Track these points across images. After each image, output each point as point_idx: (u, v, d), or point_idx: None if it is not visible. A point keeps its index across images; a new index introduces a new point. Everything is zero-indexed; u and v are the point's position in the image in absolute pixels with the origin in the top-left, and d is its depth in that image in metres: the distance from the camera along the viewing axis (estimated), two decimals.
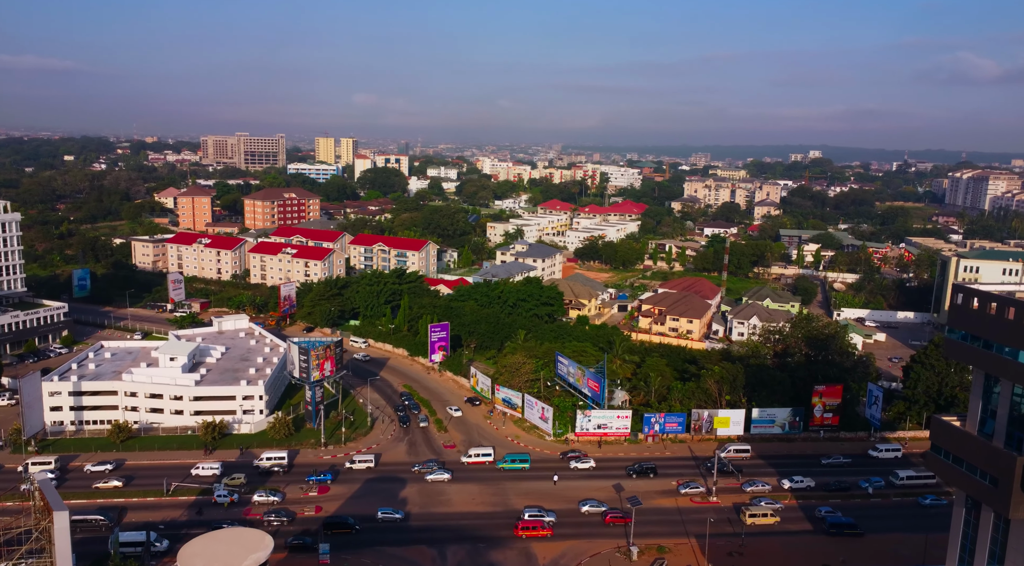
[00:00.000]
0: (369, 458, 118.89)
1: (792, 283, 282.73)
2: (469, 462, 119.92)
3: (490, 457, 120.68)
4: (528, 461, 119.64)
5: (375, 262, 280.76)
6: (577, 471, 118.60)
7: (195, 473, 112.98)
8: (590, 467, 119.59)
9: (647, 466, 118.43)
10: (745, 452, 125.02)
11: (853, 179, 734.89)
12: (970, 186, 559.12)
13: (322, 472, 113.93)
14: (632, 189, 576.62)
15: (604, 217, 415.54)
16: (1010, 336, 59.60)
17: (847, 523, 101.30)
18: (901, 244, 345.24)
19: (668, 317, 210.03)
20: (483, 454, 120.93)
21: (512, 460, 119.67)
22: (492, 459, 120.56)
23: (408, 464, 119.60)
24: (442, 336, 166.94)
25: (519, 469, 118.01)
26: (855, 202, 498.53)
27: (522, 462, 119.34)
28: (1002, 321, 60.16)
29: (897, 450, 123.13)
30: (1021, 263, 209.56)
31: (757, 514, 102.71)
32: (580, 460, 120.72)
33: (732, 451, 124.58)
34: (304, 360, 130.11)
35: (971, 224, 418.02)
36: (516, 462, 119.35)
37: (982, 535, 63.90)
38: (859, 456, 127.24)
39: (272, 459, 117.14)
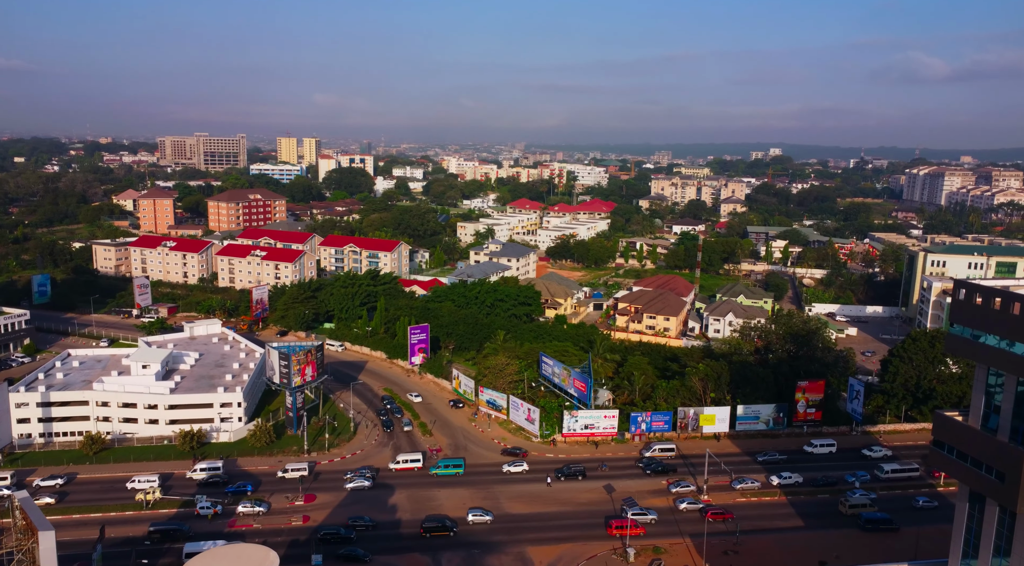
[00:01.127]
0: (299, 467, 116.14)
1: (763, 279, 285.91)
2: (397, 468, 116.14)
3: (419, 463, 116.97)
4: (462, 467, 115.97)
5: (346, 263, 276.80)
6: (510, 475, 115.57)
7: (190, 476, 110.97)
8: (523, 470, 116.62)
9: (575, 469, 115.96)
10: (670, 451, 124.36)
11: (813, 176, 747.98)
12: (927, 182, 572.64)
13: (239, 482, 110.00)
14: (600, 187, 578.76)
15: (574, 216, 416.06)
16: (1015, 331, 60.02)
17: (883, 519, 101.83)
18: (865, 239, 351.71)
19: (645, 315, 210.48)
20: (412, 460, 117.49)
21: (445, 466, 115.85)
22: (421, 465, 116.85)
23: (387, 470, 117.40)
24: (422, 338, 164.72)
25: (452, 475, 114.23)
26: (818, 199, 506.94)
27: (455, 467, 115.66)
28: (1007, 317, 60.57)
29: (914, 469, 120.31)
30: (986, 256, 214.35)
31: None
32: (514, 464, 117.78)
33: (657, 450, 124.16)
34: (284, 365, 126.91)
35: (930, 219, 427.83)
36: (449, 467, 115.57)
37: (987, 529, 64.33)
38: (845, 450, 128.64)
39: (206, 469, 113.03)
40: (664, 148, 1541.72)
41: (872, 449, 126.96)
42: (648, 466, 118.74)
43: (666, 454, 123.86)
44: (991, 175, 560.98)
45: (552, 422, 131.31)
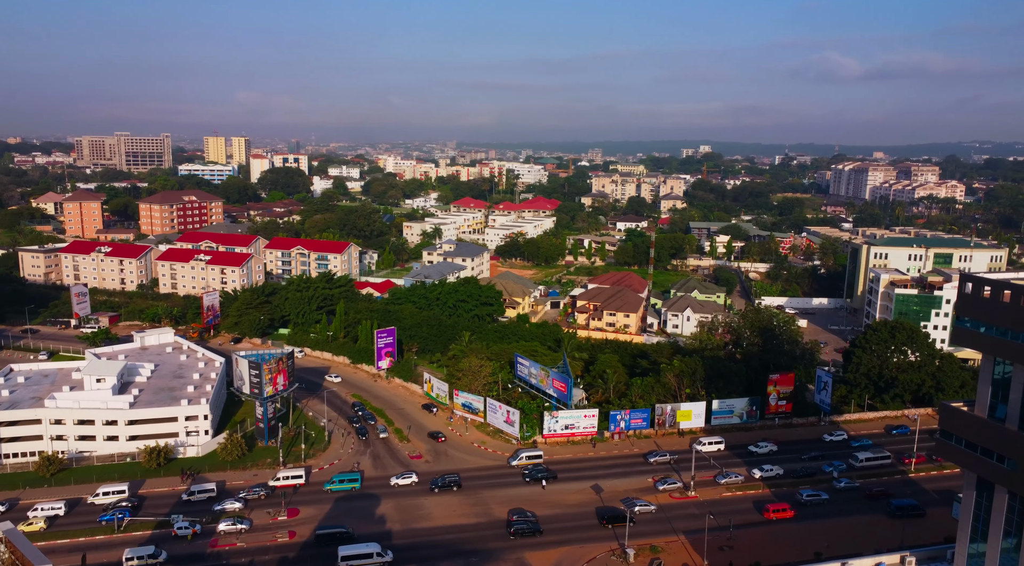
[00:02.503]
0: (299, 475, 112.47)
1: (711, 274, 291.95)
2: (278, 486, 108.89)
3: (301, 479, 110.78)
4: (358, 481, 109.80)
5: (294, 267, 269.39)
6: (398, 487, 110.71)
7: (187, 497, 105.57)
8: (411, 482, 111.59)
9: (540, 472, 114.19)
10: (537, 458, 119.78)
11: (744, 172, 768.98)
12: (851, 177, 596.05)
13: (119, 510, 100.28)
14: (541, 185, 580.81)
15: (519, 214, 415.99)
16: (1017, 320, 61.87)
17: (911, 505, 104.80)
18: (803, 233, 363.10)
19: (605, 312, 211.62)
20: (293, 476, 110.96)
21: (340, 480, 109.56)
22: (303, 481, 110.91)
23: (377, 479, 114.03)
24: (389, 342, 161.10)
25: (348, 490, 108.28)
26: (752, 194, 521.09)
27: (351, 482, 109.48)
28: (1017, 308, 62.40)
29: (886, 457, 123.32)
30: (924, 249, 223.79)
31: None
32: (402, 476, 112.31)
33: (524, 458, 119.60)
34: (255, 375, 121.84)
35: (859, 213, 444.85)
36: (344, 482, 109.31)
37: (996, 515, 66.27)
38: (815, 441, 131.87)
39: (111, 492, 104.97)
40: (595, 146, 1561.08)
41: (833, 434, 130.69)
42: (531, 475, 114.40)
43: (533, 461, 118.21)
44: (910, 170, 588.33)
45: (532, 423, 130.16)
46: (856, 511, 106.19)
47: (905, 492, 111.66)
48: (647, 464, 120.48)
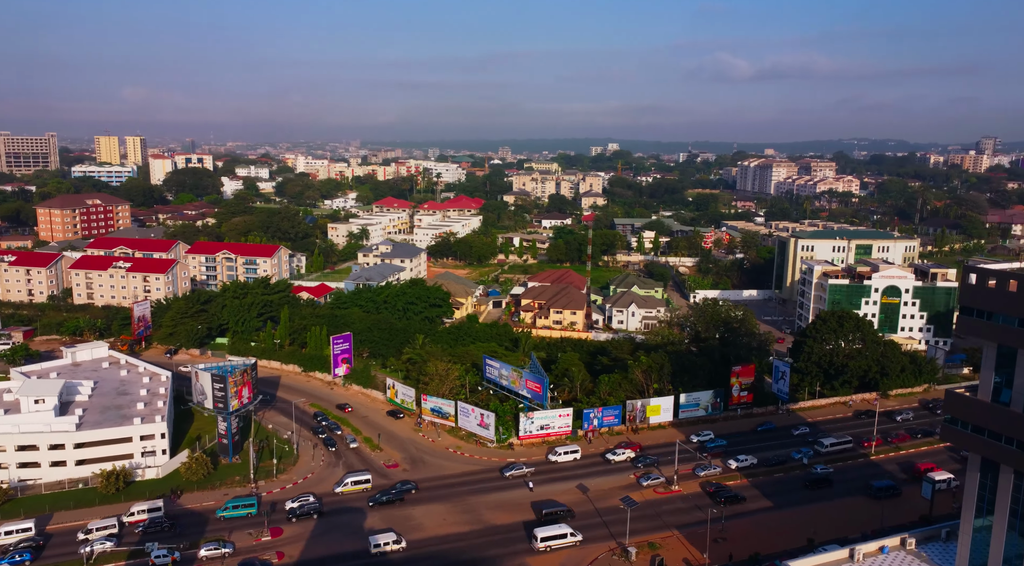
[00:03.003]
0: None
1: (642, 269, 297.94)
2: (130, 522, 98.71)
3: (368, 483, 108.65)
4: (255, 506, 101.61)
5: (220, 272, 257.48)
6: None
7: None
8: (364, 489, 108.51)
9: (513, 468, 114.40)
10: (575, 453, 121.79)
11: (653, 169, 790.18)
12: (757, 173, 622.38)
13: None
14: (461, 184, 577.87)
15: (444, 213, 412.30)
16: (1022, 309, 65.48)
17: (890, 486, 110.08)
18: (722, 228, 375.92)
19: (551, 310, 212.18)
20: (361, 481, 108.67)
21: (234, 506, 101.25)
22: (370, 485, 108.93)
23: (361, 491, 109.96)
24: (345, 348, 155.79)
25: (244, 516, 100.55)
26: (668, 190, 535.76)
27: (247, 507, 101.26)
28: (1019, 297, 65.93)
29: (848, 441, 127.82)
30: (847, 241, 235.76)
31: None
32: (354, 473, 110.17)
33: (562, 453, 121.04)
34: (220, 388, 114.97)
35: (770, 207, 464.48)
36: (240, 508, 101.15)
37: (1002, 494, 69.89)
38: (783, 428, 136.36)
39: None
40: (502, 144, 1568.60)
41: (822, 443, 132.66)
42: None
43: (361, 487, 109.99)
44: (810, 166, 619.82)
45: (508, 426, 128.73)
46: (835, 495, 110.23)
47: (867, 475, 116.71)
48: (629, 462, 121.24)
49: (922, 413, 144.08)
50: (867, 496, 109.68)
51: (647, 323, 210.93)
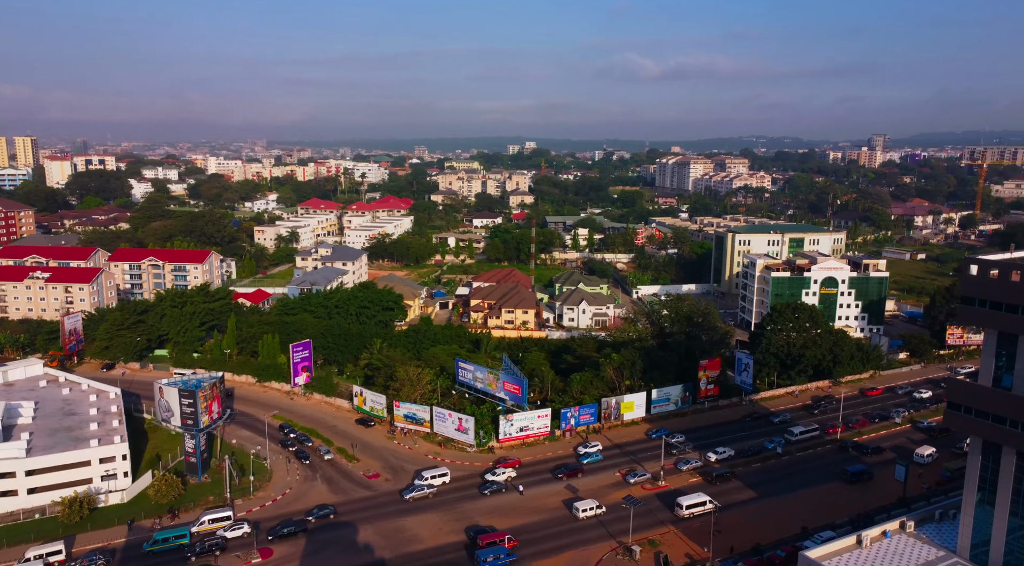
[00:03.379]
0: None
1: (580, 267, 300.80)
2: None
3: None
4: (187, 537, 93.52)
5: (146, 281, 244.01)
6: None
7: None
8: None
9: None
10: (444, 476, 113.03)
11: (573, 167, 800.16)
12: (675, 170, 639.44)
13: None
14: (386, 184, 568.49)
15: (374, 214, 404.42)
16: None
17: (864, 470, 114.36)
18: (652, 224, 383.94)
19: (502, 310, 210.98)
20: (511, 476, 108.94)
21: (164, 539, 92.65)
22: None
23: (340, 505, 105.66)
24: (305, 356, 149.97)
25: (176, 548, 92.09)
26: (593, 188, 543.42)
27: (179, 538, 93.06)
28: (1020, 286, 69.39)
29: (815, 429, 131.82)
30: (780, 235, 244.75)
31: None
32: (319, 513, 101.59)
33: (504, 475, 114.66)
34: (189, 404, 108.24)
35: (693, 203, 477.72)
36: (170, 540, 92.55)
37: (1004, 474, 73.43)
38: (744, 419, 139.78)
39: None
40: (415, 143, 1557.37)
41: (792, 432, 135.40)
42: None
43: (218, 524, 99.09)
44: (725, 163, 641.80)
45: (488, 429, 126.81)
46: (811, 483, 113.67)
47: (840, 460, 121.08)
48: (616, 459, 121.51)
49: (863, 399, 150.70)
50: (843, 481, 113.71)
51: (597, 320, 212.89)
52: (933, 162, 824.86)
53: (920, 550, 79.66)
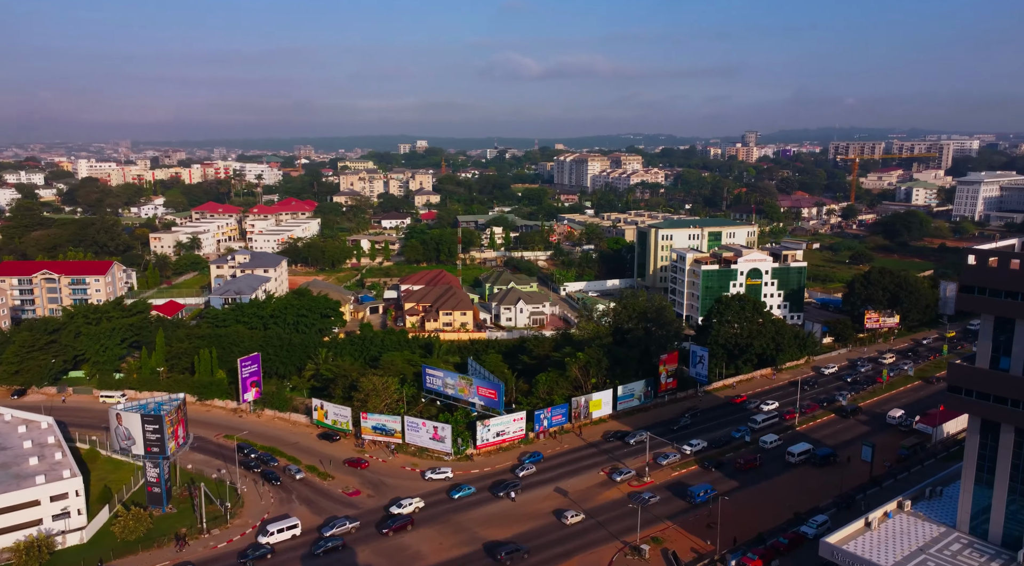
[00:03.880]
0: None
1: (500, 266, 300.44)
2: None
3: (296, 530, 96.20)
4: None
5: (39, 296, 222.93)
6: None
7: None
8: None
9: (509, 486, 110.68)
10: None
11: (470, 165, 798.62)
12: (573, 167, 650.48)
13: None
14: (283, 186, 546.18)
15: (277, 217, 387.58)
16: None
17: (831, 454, 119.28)
18: (564, 221, 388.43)
19: (440, 312, 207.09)
20: None
21: None
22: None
23: (316, 526, 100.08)
24: (254, 370, 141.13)
25: None
26: (496, 186, 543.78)
27: None
28: (1019, 274, 74.26)
29: (775, 416, 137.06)
30: (700, 229, 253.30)
31: None
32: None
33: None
34: (155, 430, 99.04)
35: (600, 200, 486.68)
36: None
37: (1003, 450, 78.44)
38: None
39: None
40: (296, 142, 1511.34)
41: (755, 420, 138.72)
42: None
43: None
44: (620, 160, 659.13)
45: (465, 436, 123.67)
46: (785, 468, 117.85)
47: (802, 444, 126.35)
48: (595, 458, 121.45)
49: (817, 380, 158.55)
50: (812, 465, 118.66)
51: (535, 319, 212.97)
52: (803, 157, 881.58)
53: (924, 528, 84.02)
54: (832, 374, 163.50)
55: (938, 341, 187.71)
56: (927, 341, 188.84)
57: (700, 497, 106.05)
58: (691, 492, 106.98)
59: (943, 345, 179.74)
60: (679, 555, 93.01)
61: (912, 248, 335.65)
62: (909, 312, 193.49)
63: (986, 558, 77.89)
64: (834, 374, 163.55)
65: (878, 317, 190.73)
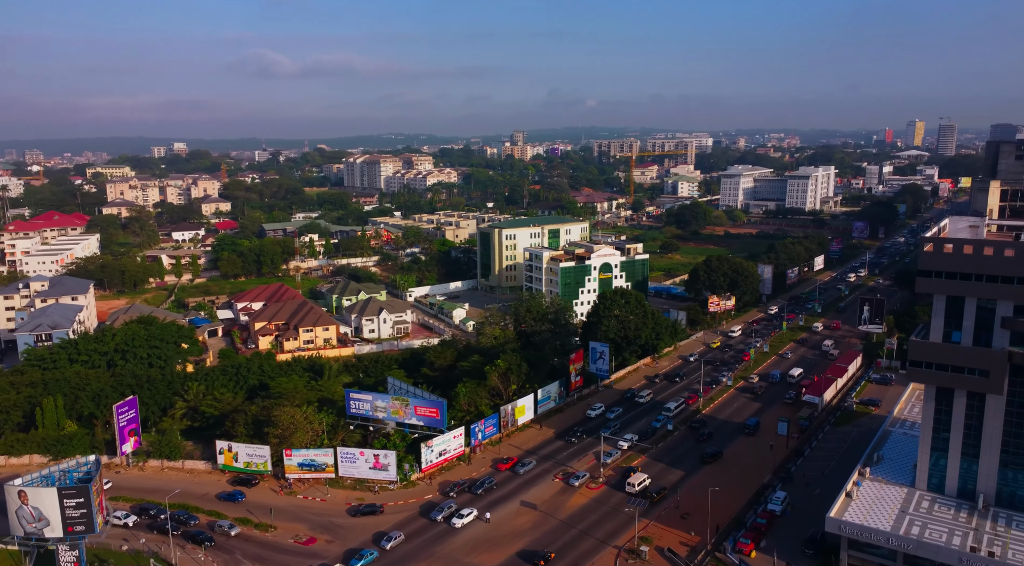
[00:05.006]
0: None
1: (328, 275, 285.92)
2: None
3: None
4: None
5: None
6: None
7: None
8: None
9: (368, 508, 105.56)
10: None
11: (247, 168, 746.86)
12: (364, 169, 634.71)
13: None
14: (31, 197, 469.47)
15: (41, 234, 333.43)
16: (976, 267, 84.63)
17: (756, 423, 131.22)
18: (380, 225, 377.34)
19: (300, 330, 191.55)
20: None
21: None
22: None
23: None
24: (132, 417, 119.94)
25: None
26: (290, 191, 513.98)
27: None
28: (971, 258, 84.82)
29: (684, 402, 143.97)
30: (541, 228, 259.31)
31: None
32: None
33: None
34: (77, 504, 79.85)
35: (407, 202, 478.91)
36: None
37: (956, 415, 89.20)
38: None
39: None
40: (8, 146, 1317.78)
41: (640, 395, 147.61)
42: None
43: None
44: (412, 160, 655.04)
45: (409, 461, 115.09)
46: (716, 447, 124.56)
47: (714, 425, 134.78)
48: (541, 465, 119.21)
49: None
50: (744, 435, 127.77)
51: (399, 328, 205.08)
52: (572, 155, 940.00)
53: (891, 491, 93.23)
54: (699, 355, 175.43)
55: (764, 319, 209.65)
56: (755, 320, 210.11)
57: None
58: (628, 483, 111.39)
59: (783, 322, 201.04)
60: (675, 550, 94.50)
61: (703, 236, 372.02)
62: (743, 295, 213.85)
63: (953, 509, 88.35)
64: (700, 355, 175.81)
65: (719, 301, 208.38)
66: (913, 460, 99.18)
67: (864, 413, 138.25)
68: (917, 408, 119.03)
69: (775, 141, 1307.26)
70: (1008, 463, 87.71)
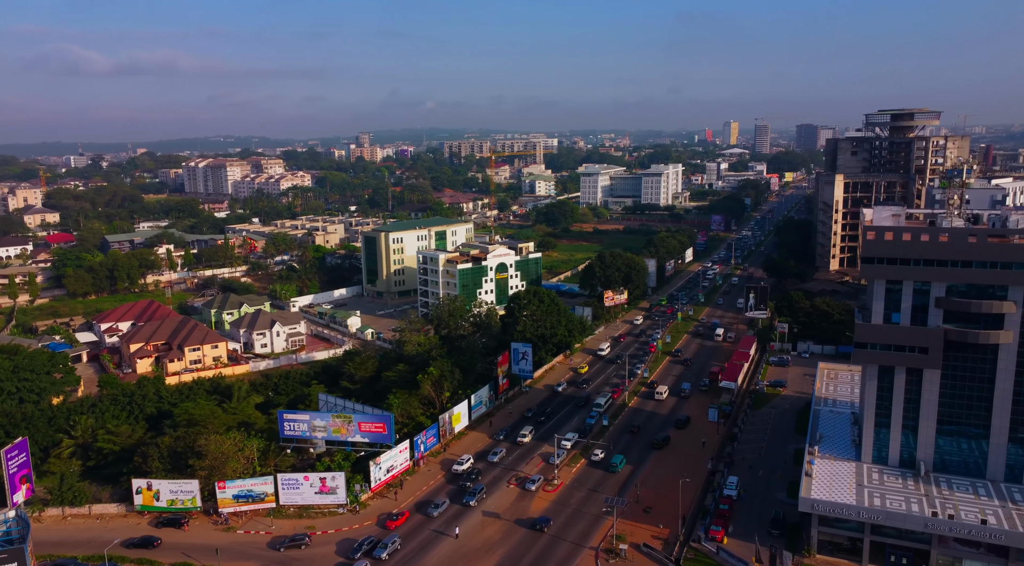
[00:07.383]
0: None
1: (195, 288, 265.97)
2: None
3: None
4: None
5: None
6: None
7: None
8: None
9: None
10: None
11: (68, 177, 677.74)
12: (208, 173, 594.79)
13: None
14: None
15: None
16: (913, 252, 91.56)
17: (687, 418, 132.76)
18: (243, 233, 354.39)
19: (187, 350, 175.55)
20: None
21: None
22: None
23: None
24: (23, 461, 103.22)
25: None
26: (127, 199, 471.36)
27: None
28: (909, 244, 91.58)
29: (611, 396, 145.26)
30: (427, 230, 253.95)
31: None
32: None
33: None
34: None
35: (266, 207, 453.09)
36: None
37: (897, 390, 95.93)
38: None
39: None
40: None
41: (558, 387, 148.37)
42: None
43: None
44: (261, 164, 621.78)
45: (358, 481, 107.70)
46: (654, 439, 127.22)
47: (642, 418, 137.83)
48: (491, 472, 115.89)
49: None
50: (674, 427, 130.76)
51: (293, 341, 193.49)
52: (423, 156, 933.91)
53: (842, 467, 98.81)
54: (608, 350, 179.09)
55: (655, 309, 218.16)
56: (646, 310, 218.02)
57: (618, 466, 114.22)
58: (612, 463, 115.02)
59: (678, 312, 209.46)
60: (651, 546, 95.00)
61: (573, 232, 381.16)
62: (635, 289, 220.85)
63: (900, 478, 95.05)
64: (610, 349, 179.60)
65: (613, 295, 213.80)
66: (847, 436, 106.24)
67: (775, 394, 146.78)
68: (833, 387, 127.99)
69: (608, 141, 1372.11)
70: (943, 432, 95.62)
